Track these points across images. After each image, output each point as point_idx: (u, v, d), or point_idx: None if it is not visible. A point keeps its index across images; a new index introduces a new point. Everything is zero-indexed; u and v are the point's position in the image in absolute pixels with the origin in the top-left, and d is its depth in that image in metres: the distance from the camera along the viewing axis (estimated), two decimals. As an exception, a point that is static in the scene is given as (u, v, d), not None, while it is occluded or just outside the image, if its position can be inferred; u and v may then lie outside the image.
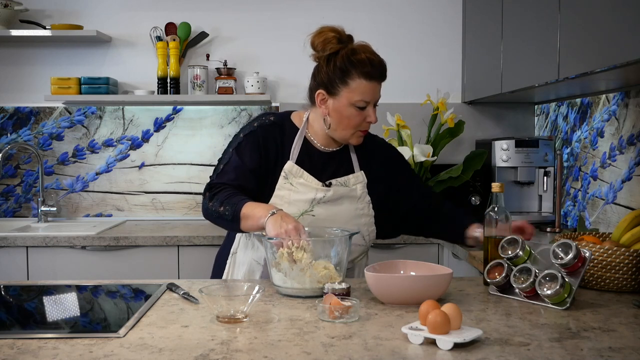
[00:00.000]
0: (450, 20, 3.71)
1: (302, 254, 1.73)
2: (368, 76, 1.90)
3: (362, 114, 1.95)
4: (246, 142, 2.00)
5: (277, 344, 1.38)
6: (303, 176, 1.99)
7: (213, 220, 1.98)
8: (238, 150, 2.00)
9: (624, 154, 2.68)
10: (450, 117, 3.18)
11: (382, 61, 1.94)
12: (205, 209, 1.97)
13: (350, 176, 2.03)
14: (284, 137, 2.02)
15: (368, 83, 1.91)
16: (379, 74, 1.93)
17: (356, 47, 1.94)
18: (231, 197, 1.90)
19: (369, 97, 1.93)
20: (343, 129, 1.97)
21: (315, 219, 1.97)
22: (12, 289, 1.95)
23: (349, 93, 1.91)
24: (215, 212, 1.92)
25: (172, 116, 3.71)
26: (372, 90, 1.93)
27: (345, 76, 1.91)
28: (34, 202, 3.69)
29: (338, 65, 1.91)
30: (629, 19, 1.87)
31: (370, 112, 1.95)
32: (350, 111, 1.93)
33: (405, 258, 2.50)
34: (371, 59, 1.91)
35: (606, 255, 1.81)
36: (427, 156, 3.10)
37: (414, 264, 1.85)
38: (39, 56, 3.67)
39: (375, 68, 1.91)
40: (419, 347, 1.35)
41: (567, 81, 2.39)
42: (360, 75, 1.90)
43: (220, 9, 3.69)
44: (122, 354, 1.33)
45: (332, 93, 1.94)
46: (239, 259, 2.08)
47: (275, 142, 2.01)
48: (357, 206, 2.03)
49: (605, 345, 1.36)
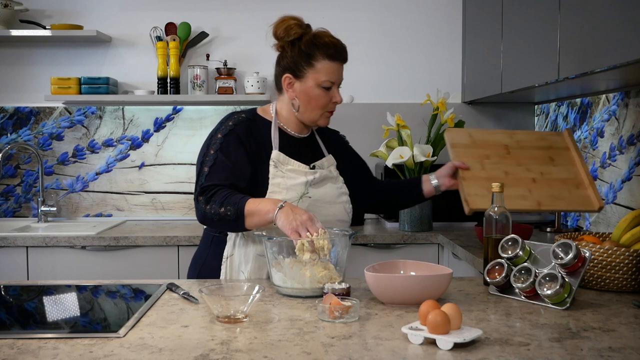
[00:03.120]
0: (450, 20, 3.71)
1: (323, 242, 1.75)
2: (332, 57, 2.02)
3: (328, 95, 2.06)
4: (227, 141, 2.03)
5: (277, 344, 1.38)
6: (290, 162, 2.07)
7: (212, 223, 1.98)
8: (222, 150, 2.01)
9: (624, 154, 2.68)
10: (450, 117, 3.18)
11: (343, 45, 2.07)
12: (201, 214, 1.96)
13: (324, 159, 2.16)
14: (260, 130, 2.09)
15: (332, 64, 2.03)
16: (341, 56, 2.06)
17: (318, 32, 2.06)
18: (230, 197, 1.91)
19: (334, 78, 2.04)
20: (312, 110, 2.07)
21: (312, 200, 2.05)
22: (12, 289, 1.95)
23: (314, 74, 2.02)
24: (215, 214, 1.92)
25: (172, 116, 3.71)
26: (336, 71, 2.05)
27: (310, 58, 2.02)
28: (34, 202, 3.69)
29: (303, 49, 2.02)
30: (629, 19, 1.87)
31: (335, 92, 2.07)
32: (317, 92, 2.04)
33: (405, 258, 2.51)
34: (334, 42, 2.04)
35: (606, 255, 1.81)
36: (427, 156, 3.10)
37: (414, 264, 1.85)
38: (39, 56, 3.67)
39: (338, 50, 2.04)
40: (419, 347, 1.35)
41: (567, 81, 2.39)
42: (325, 57, 2.02)
43: (220, 9, 3.69)
44: (122, 354, 1.33)
45: (298, 76, 2.04)
46: (238, 260, 2.07)
47: (254, 136, 2.07)
48: (337, 185, 2.15)
49: (605, 345, 1.36)
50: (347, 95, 3.73)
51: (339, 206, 2.13)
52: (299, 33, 2.02)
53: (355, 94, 3.74)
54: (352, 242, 1.89)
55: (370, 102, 3.73)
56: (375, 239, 3.14)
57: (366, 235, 3.15)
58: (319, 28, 2.09)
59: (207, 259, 2.13)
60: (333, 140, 2.27)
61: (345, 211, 2.16)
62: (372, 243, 3.14)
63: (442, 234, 3.11)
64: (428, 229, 3.21)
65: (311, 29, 2.08)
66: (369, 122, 3.65)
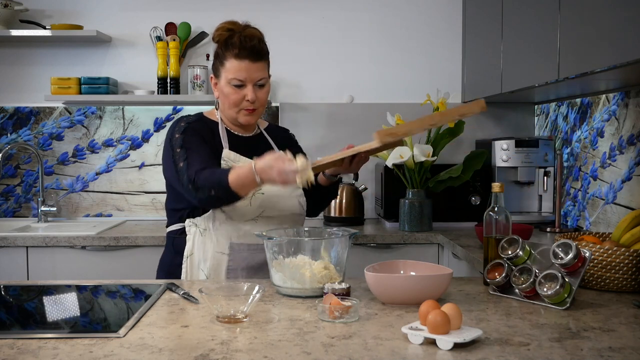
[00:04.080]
0: (450, 20, 3.71)
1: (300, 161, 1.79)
2: (237, 56, 2.08)
3: (240, 93, 2.11)
4: (187, 136, 2.10)
5: (277, 344, 1.38)
6: (241, 160, 2.12)
7: (213, 205, 2.07)
8: (186, 143, 2.08)
9: (624, 154, 2.68)
10: (450, 117, 3.18)
11: (254, 44, 2.09)
12: (199, 201, 2.02)
13: None
14: (210, 130, 2.17)
15: (239, 62, 2.08)
16: (247, 54, 2.08)
17: (239, 32, 2.10)
18: (212, 177, 1.97)
19: (242, 76, 2.09)
20: (228, 107, 2.14)
21: (265, 196, 2.10)
22: (12, 289, 1.95)
23: (225, 73, 2.11)
24: (210, 198, 1.98)
25: (172, 116, 3.70)
26: (244, 69, 2.08)
27: (222, 58, 2.12)
28: (34, 202, 3.69)
29: (218, 51, 2.15)
30: (629, 19, 1.87)
31: (249, 90, 2.10)
32: (228, 89, 2.11)
33: (405, 258, 2.51)
34: (243, 41, 2.08)
35: (606, 255, 1.81)
36: (427, 156, 3.10)
37: (414, 264, 1.85)
38: (39, 56, 3.67)
39: (244, 49, 2.08)
40: (419, 347, 1.35)
41: (567, 81, 2.39)
42: (232, 56, 2.09)
43: (220, 9, 3.69)
44: (122, 354, 1.33)
45: (217, 76, 2.15)
46: (197, 258, 2.13)
47: (206, 134, 2.14)
48: None
49: (605, 345, 1.36)
50: (347, 95, 3.74)
51: (294, 200, 2.18)
52: (225, 35, 2.11)
53: (355, 94, 3.74)
54: (352, 242, 1.89)
55: (370, 102, 3.73)
56: (375, 239, 3.14)
57: (366, 235, 3.15)
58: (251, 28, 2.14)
59: (171, 259, 2.21)
60: (282, 138, 2.32)
61: (300, 205, 2.21)
62: (372, 243, 3.14)
63: (442, 234, 3.11)
64: (428, 229, 3.21)
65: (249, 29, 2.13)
66: (369, 122, 3.65)
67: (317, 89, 3.73)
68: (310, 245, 1.80)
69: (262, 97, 2.14)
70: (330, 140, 3.70)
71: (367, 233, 3.19)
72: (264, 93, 2.14)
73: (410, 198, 3.21)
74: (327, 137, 3.71)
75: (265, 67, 2.14)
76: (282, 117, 3.71)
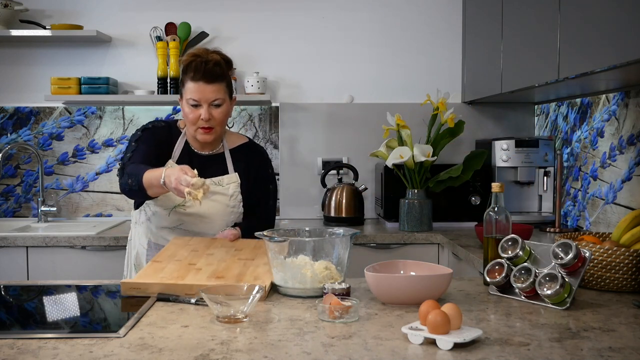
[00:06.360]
0: (450, 20, 3.71)
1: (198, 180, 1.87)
2: (192, 79, 2.23)
3: (196, 112, 2.24)
4: (144, 135, 2.31)
5: (277, 344, 1.38)
6: None
7: (128, 194, 2.23)
8: (139, 141, 2.29)
9: (624, 154, 2.68)
10: (450, 117, 3.18)
11: (209, 68, 2.21)
12: (120, 187, 2.22)
13: (225, 177, 2.32)
14: (171, 139, 2.33)
15: (194, 84, 2.22)
16: (201, 76, 2.21)
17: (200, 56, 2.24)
18: (134, 169, 2.14)
19: (197, 96, 2.22)
20: (188, 125, 2.28)
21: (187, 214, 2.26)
22: (12, 289, 1.95)
23: (184, 93, 2.26)
24: (126, 185, 2.15)
25: (172, 116, 3.70)
26: (198, 91, 2.21)
27: (183, 81, 2.27)
28: (34, 202, 3.69)
29: (181, 75, 2.31)
30: (629, 19, 1.87)
31: (204, 110, 2.22)
32: (187, 109, 2.25)
33: (405, 258, 2.51)
34: (198, 65, 2.21)
35: (606, 255, 1.81)
36: (427, 156, 3.10)
37: (414, 264, 1.85)
38: (39, 56, 3.67)
39: (198, 72, 2.21)
40: (419, 347, 1.35)
41: (567, 81, 2.40)
42: (188, 78, 2.24)
43: (220, 9, 3.69)
44: (122, 354, 1.33)
45: (181, 97, 2.30)
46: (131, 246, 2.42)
47: (164, 141, 2.32)
48: (228, 203, 2.31)
49: (605, 345, 1.36)
50: (347, 95, 3.74)
51: (221, 223, 2.29)
52: (188, 61, 2.25)
53: (355, 94, 3.74)
54: (352, 242, 1.89)
55: (370, 102, 3.73)
56: (375, 239, 3.14)
57: (366, 235, 3.15)
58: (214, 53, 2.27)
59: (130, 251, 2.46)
60: (253, 159, 2.40)
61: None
62: (372, 243, 3.14)
63: (442, 234, 3.11)
64: (428, 229, 3.21)
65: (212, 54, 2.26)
66: (369, 122, 3.66)
67: (317, 89, 3.73)
68: (312, 245, 1.80)
69: (218, 116, 2.24)
70: (330, 140, 3.70)
71: (367, 233, 3.19)
72: (219, 113, 2.24)
73: (410, 198, 3.21)
74: (327, 137, 3.71)
75: (221, 89, 2.24)
76: (282, 117, 3.71)
